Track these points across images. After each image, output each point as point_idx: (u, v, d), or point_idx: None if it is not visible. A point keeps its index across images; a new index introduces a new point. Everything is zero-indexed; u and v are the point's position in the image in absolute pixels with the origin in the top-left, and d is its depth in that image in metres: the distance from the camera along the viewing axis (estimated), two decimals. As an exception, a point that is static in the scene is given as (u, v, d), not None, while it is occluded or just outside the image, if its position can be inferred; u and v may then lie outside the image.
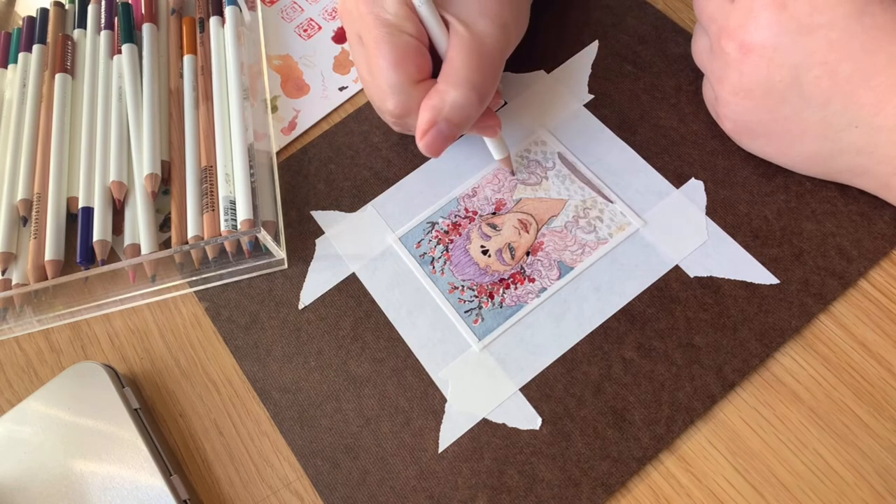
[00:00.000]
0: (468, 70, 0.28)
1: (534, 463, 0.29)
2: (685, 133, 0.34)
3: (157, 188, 0.35)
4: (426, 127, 0.29)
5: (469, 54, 0.29)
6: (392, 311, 0.32)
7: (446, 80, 0.29)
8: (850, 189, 0.31)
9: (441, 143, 0.29)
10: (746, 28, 0.27)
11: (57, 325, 0.35)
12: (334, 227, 0.35)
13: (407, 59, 0.28)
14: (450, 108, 0.28)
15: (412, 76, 0.29)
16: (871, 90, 0.26)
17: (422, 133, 0.29)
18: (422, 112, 0.29)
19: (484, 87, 0.29)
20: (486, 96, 0.30)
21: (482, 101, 0.29)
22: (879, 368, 0.28)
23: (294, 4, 0.42)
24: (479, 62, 0.29)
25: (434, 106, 0.29)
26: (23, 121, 0.38)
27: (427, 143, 0.29)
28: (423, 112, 0.29)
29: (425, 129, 0.29)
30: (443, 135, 0.29)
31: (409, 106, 0.29)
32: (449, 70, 0.29)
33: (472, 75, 0.29)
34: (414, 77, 0.29)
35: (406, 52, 0.28)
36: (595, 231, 0.33)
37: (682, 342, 0.30)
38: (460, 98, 0.28)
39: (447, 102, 0.28)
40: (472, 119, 0.29)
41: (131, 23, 0.40)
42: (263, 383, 0.32)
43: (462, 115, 0.29)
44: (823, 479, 0.27)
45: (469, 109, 0.29)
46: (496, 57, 0.30)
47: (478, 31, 0.29)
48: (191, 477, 0.31)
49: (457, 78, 0.28)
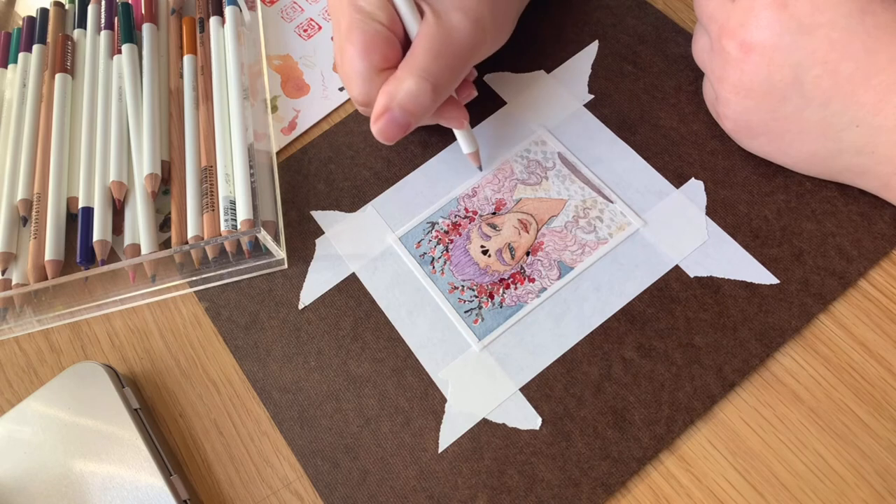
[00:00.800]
0: (428, 60, 0.28)
1: (534, 463, 0.29)
2: (685, 133, 0.34)
3: (157, 188, 0.35)
4: (380, 112, 0.29)
5: (431, 44, 0.28)
6: (392, 311, 0.32)
7: (405, 67, 0.29)
8: (850, 189, 0.31)
9: (394, 129, 0.29)
10: (747, 27, 0.27)
11: (57, 325, 0.35)
12: (334, 227, 0.35)
13: (374, 47, 0.28)
14: (404, 96, 0.28)
15: (377, 65, 0.29)
16: (871, 90, 0.26)
17: (375, 118, 0.29)
18: (378, 97, 0.29)
19: (441, 79, 0.29)
20: (443, 89, 0.29)
21: (437, 93, 0.29)
22: (879, 368, 0.28)
23: (294, 4, 0.42)
24: (441, 53, 0.29)
25: (389, 92, 0.29)
26: (23, 121, 0.38)
27: (380, 128, 0.29)
28: (379, 97, 0.29)
29: (379, 114, 0.29)
30: (396, 121, 0.29)
31: (371, 94, 0.29)
32: (410, 57, 0.29)
33: (431, 65, 0.28)
34: (379, 65, 0.29)
35: (374, 40, 0.28)
36: (595, 231, 0.33)
37: (682, 342, 0.30)
38: (414, 86, 0.28)
39: (402, 89, 0.28)
40: (426, 109, 0.29)
41: (131, 23, 0.40)
42: (263, 383, 0.32)
43: (415, 103, 0.28)
44: (823, 479, 0.27)
45: (423, 98, 0.28)
46: (461, 51, 0.29)
47: (448, 22, 0.29)
48: (191, 477, 0.31)
49: (415, 66, 0.28)
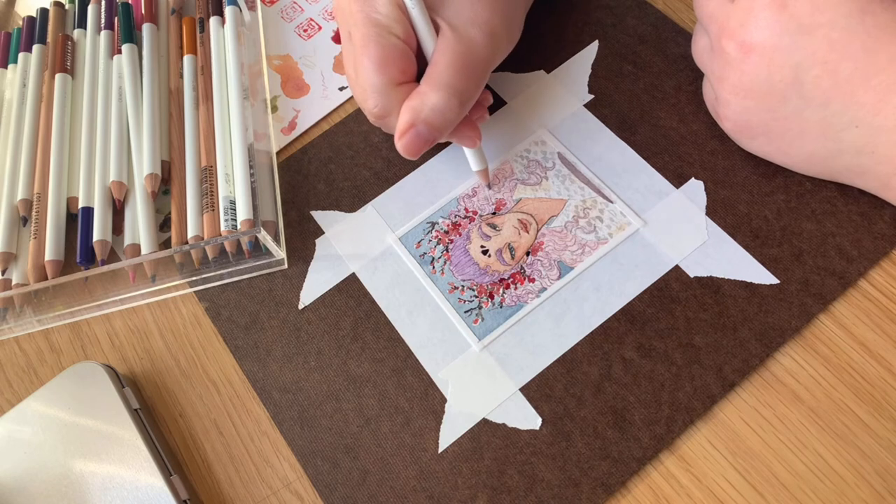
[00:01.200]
0: (451, 74, 0.29)
1: (534, 463, 0.29)
2: (685, 133, 0.34)
3: (157, 188, 0.35)
4: (405, 128, 0.29)
5: (454, 58, 0.29)
6: (392, 311, 0.32)
7: (429, 82, 0.29)
8: (850, 189, 0.31)
9: (419, 145, 0.29)
10: (747, 28, 0.27)
11: (57, 325, 0.35)
12: (334, 227, 0.35)
13: (391, 61, 0.28)
14: (429, 111, 0.28)
15: (395, 78, 0.29)
16: (871, 90, 0.26)
17: (400, 134, 0.29)
18: (402, 113, 0.29)
19: (466, 93, 0.29)
20: (467, 102, 0.30)
21: (463, 107, 0.29)
22: (879, 368, 0.28)
23: (294, 4, 0.42)
24: (464, 67, 0.29)
25: (414, 107, 0.29)
26: (23, 121, 0.38)
27: (405, 144, 0.29)
28: (403, 113, 0.29)
29: (404, 130, 0.29)
30: (421, 137, 0.29)
31: (388, 108, 0.29)
32: (433, 73, 0.29)
33: (455, 80, 0.29)
34: (396, 79, 0.29)
35: (391, 54, 0.28)
36: (595, 231, 0.33)
37: (682, 342, 0.30)
38: (441, 102, 0.28)
39: (427, 105, 0.28)
40: (451, 124, 0.29)
41: (131, 23, 0.40)
42: (263, 383, 0.32)
43: (441, 118, 0.29)
44: (823, 479, 0.27)
45: (449, 114, 0.29)
46: (482, 65, 0.30)
47: (466, 36, 0.29)
48: (191, 477, 0.31)
49: (439, 81, 0.28)
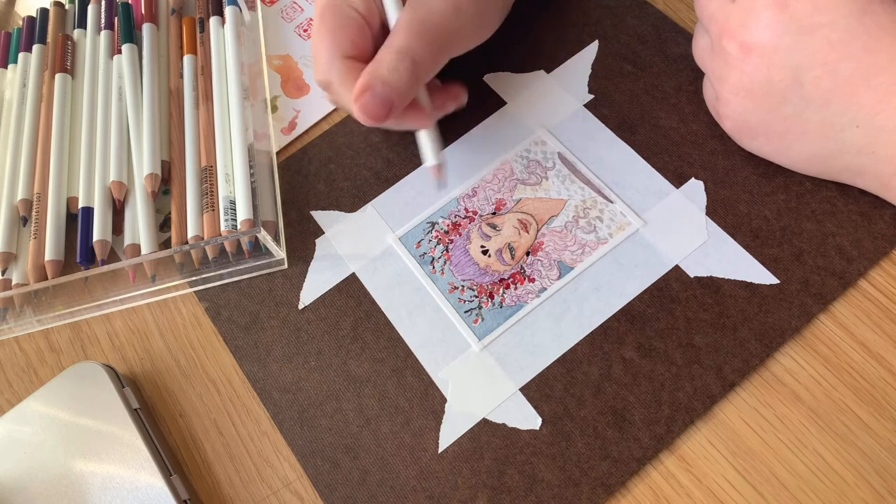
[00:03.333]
0: (407, 38, 0.28)
1: (534, 463, 0.29)
2: (685, 133, 0.34)
3: (157, 188, 0.35)
4: (361, 90, 0.28)
5: (410, 24, 0.29)
6: (392, 311, 0.32)
7: (386, 46, 0.29)
8: (850, 189, 0.31)
9: (375, 107, 0.28)
10: (747, 28, 0.27)
11: (57, 325, 0.35)
12: (334, 227, 0.35)
13: (343, 32, 0.29)
14: (384, 71, 0.28)
15: (344, 49, 0.29)
16: (871, 90, 0.26)
17: (357, 95, 0.28)
18: (360, 77, 0.28)
19: (421, 56, 0.29)
20: (422, 68, 0.29)
21: (416, 68, 0.29)
22: (879, 368, 0.28)
23: (294, 4, 0.42)
24: (420, 31, 0.29)
25: (370, 70, 0.28)
26: (23, 121, 0.38)
27: (361, 105, 0.28)
28: (361, 77, 0.28)
29: (359, 93, 0.28)
30: (377, 97, 0.28)
31: (329, 76, 0.29)
32: (391, 37, 0.29)
33: (410, 41, 0.28)
34: (346, 51, 0.29)
35: (345, 24, 0.29)
36: (595, 231, 0.33)
37: (682, 342, 0.30)
38: (394, 61, 0.28)
39: (382, 66, 0.28)
40: (406, 86, 0.29)
41: (131, 23, 0.40)
42: (263, 383, 0.32)
43: (396, 77, 0.28)
44: (823, 479, 0.27)
45: (403, 72, 0.28)
46: (442, 34, 0.29)
47: (427, 4, 0.29)
48: (191, 477, 0.31)
49: (395, 44, 0.28)
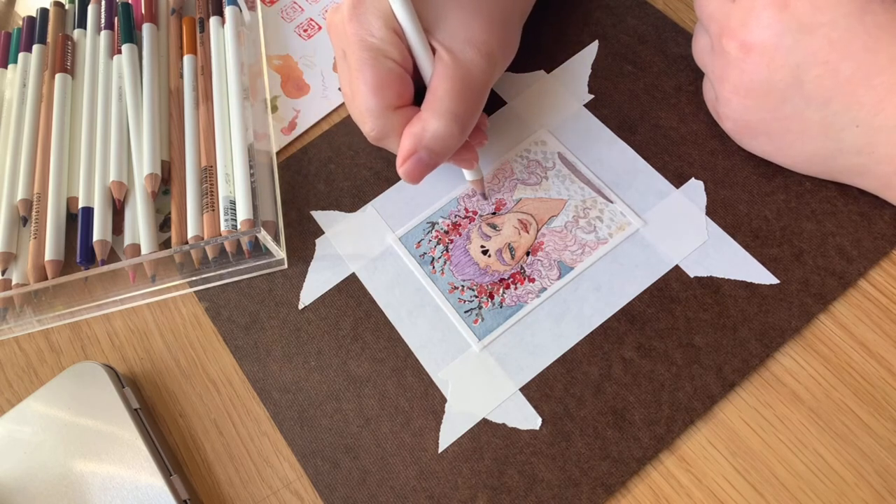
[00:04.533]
0: (451, 100, 0.28)
1: (534, 463, 0.29)
2: (685, 133, 0.34)
3: (157, 188, 0.35)
4: (407, 154, 0.29)
5: (453, 84, 0.28)
6: (392, 311, 0.32)
7: (429, 108, 0.28)
8: (850, 189, 0.31)
9: (421, 171, 0.29)
10: (747, 27, 0.27)
11: (57, 325, 0.35)
12: (334, 227, 0.35)
13: (388, 86, 0.28)
14: (431, 138, 0.28)
15: (391, 102, 0.29)
16: (871, 90, 0.26)
17: (402, 160, 0.29)
18: (403, 139, 0.29)
19: (466, 117, 0.29)
20: (468, 126, 0.29)
21: (464, 132, 0.29)
22: (879, 368, 0.28)
23: (294, 4, 0.42)
24: (463, 92, 0.29)
25: (415, 134, 0.28)
26: (23, 121, 0.38)
27: (407, 170, 0.29)
28: (404, 139, 0.29)
29: (406, 157, 0.29)
30: (423, 163, 0.29)
31: (385, 131, 0.29)
32: (432, 99, 0.29)
33: (455, 105, 0.28)
34: (393, 103, 0.29)
35: (388, 78, 0.28)
36: (595, 231, 0.33)
37: (682, 342, 0.30)
38: (442, 128, 0.28)
39: (429, 131, 0.28)
40: (452, 149, 0.29)
41: (131, 23, 0.40)
42: (263, 383, 0.32)
43: (443, 144, 0.29)
44: (823, 479, 0.27)
45: (450, 140, 0.29)
46: (480, 87, 0.30)
47: (464, 59, 0.29)
48: (191, 477, 0.31)
49: (440, 107, 0.28)
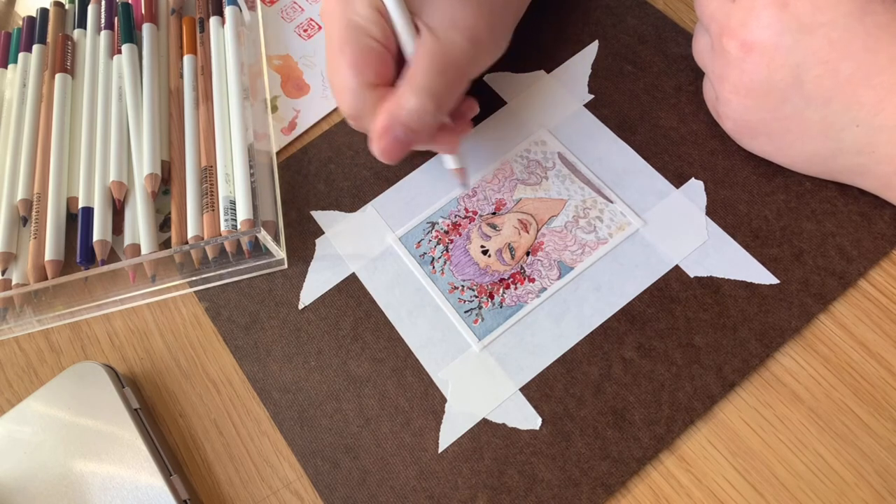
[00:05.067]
0: (429, 77, 0.28)
1: (534, 463, 0.29)
2: (685, 133, 0.34)
3: (157, 188, 0.35)
4: (381, 131, 0.28)
5: (432, 61, 0.28)
6: (392, 311, 0.32)
7: (406, 85, 0.28)
8: (850, 189, 0.31)
9: (395, 148, 0.29)
10: (748, 27, 0.27)
11: (57, 325, 0.35)
12: (334, 227, 0.35)
13: (366, 63, 0.28)
14: (406, 114, 0.28)
15: (369, 80, 0.28)
16: (872, 89, 0.26)
17: (377, 136, 0.29)
18: (378, 115, 0.29)
19: (443, 96, 0.29)
20: (444, 106, 0.29)
21: (439, 111, 0.29)
22: (879, 368, 0.28)
23: (294, 4, 0.42)
24: (442, 71, 0.28)
25: (390, 110, 0.28)
26: (23, 121, 0.38)
27: (382, 147, 0.29)
28: (379, 115, 0.28)
29: (380, 133, 0.29)
30: (398, 140, 0.29)
31: (361, 109, 0.29)
32: (410, 75, 0.28)
33: (433, 83, 0.28)
34: (371, 81, 0.28)
35: (367, 56, 0.28)
36: (595, 231, 0.33)
37: (682, 342, 0.30)
38: (417, 104, 0.28)
39: (404, 108, 0.28)
40: (427, 127, 0.29)
41: (131, 23, 0.40)
42: (263, 383, 0.32)
43: (419, 121, 0.28)
44: (823, 479, 0.27)
45: (426, 116, 0.28)
46: (461, 69, 0.29)
47: (446, 39, 0.29)
48: (191, 477, 0.31)
49: (416, 83, 0.28)
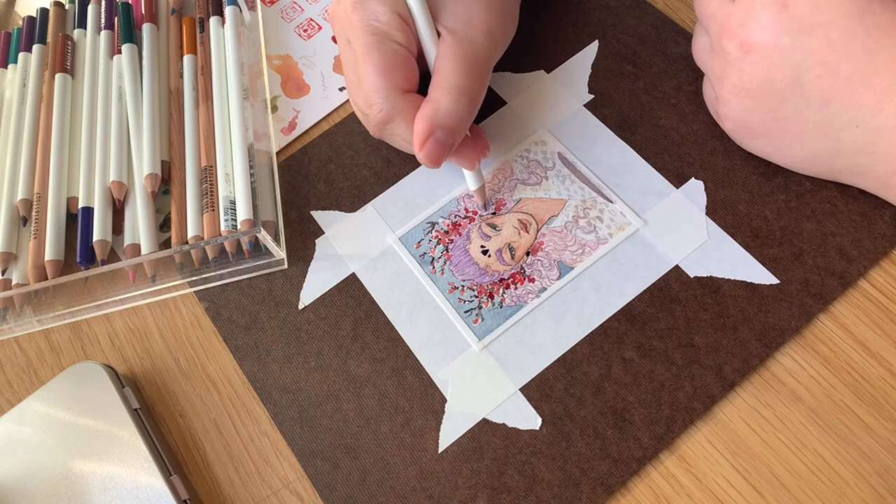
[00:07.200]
0: (458, 76, 0.29)
1: (534, 463, 0.29)
2: (685, 133, 0.34)
3: (157, 188, 0.35)
4: (424, 136, 0.29)
5: (459, 61, 0.29)
6: (392, 311, 0.32)
7: (438, 88, 0.29)
8: (850, 189, 0.31)
9: (440, 151, 0.30)
10: (747, 27, 0.27)
11: (57, 325, 0.35)
12: (334, 227, 0.35)
13: (394, 68, 0.29)
14: (444, 115, 0.29)
15: (399, 84, 0.29)
16: (871, 90, 0.26)
17: (420, 143, 0.29)
18: (417, 123, 0.29)
19: (474, 91, 0.30)
20: (477, 101, 0.30)
21: (473, 106, 0.30)
22: (879, 368, 0.28)
23: (294, 4, 0.42)
24: (469, 68, 0.29)
25: (428, 115, 0.29)
26: (23, 121, 0.38)
27: (427, 152, 0.30)
28: (417, 122, 0.29)
29: (423, 139, 0.29)
30: (441, 142, 0.29)
31: (392, 113, 0.30)
32: (439, 78, 0.29)
33: (463, 81, 0.29)
34: (401, 86, 0.29)
35: (394, 61, 0.29)
36: (595, 231, 0.33)
37: (682, 342, 0.30)
38: (452, 104, 0.29)
39: (441, 110, 0.29)
40: (466, 125, 0.30)
41: (131, 23, 0.40)
42: (263, 383, 0.32)
43: (456, 120, 0.29)
44: (823, 479, 0.27)
45: (463, 114, 0.29)
46: (484, 63, 0.31)
47: (467, 38, 0.30)
48: (191, 477, 0.31)
49: (448, 84, 0.29)
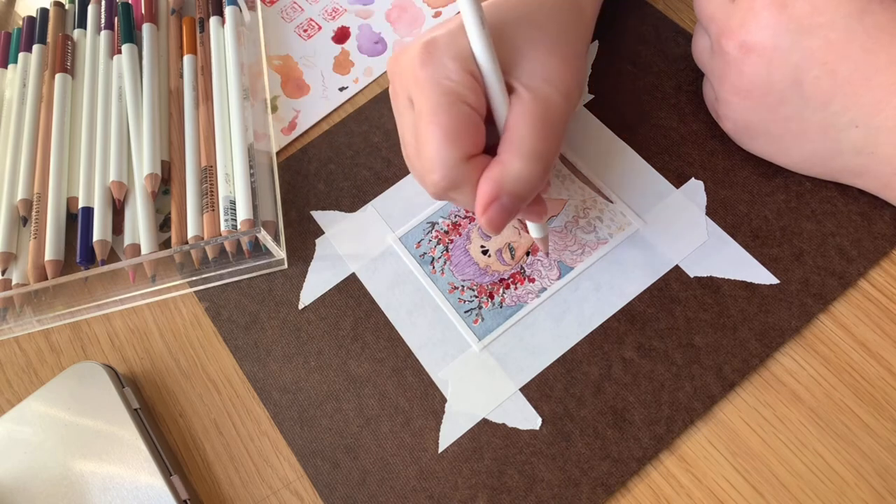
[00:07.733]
0: (533, 139, 0.26)
1: (534, 463, 0.29)
2: (685, 133, 0.34)
3: (157, 188, 0.35)
4: (488, 201, 0.26)
5: (534, 122, 0.26)
6: (392, 311, 0.32)
7: (508, 150, 0.26)
8: (850, 189, 0.31)
9: (503, 218, 0.26)
10: (747, 28, 0.27)
11: (57, 325, 0.35)
12: (334, 227, 0.35)
13: (464, 133, 0.25)
14: (514, 181, 0.25)
15: (466, 151, 0.26)
16: (871, 90, 0.26)
17: (483, 208, 0.26)
18: (481, 185, 0.26)
19: (548, 156, 0.26)
20: (550, 167, 0.27)
21: (547, 172, 0.27)
22: (879, 368, 0.28)
23: (294, 4, 0.42)
24: (544, 130, 0.26)
25: (495, 178, 0.25)
26: (23, 121, 0.38)
27: (489, 218, 0.26)
28: (482, 185, 0.26)
29: (487, 204, 0.26)
30: (505, 209, 0.26)
31: (456, 182, 0.26)
32: (511, 139, 0.26)
33: (538, 144, 0.26)
34: (469, 152, 0.26)
35: (464, 125, 0.25)
36: (595, 231, 0.33)
37: (682, 342, 0.30)
38: (525, 170, 0.25)
39: (510, 174, 0.25)
40: (535, 191, 0.26)
41: (131, 23, 0.40)
42: (263, 383, 0.32)
43: (526, 187, 0.26)
44: (823, 479, 0.27)
45: (534, 181, 0.26)
46: (560, 125, 0.27)
47: (543, 97, 0.26)
48: (191, 477, 0.31)
49: (521, 147, 0.26)
